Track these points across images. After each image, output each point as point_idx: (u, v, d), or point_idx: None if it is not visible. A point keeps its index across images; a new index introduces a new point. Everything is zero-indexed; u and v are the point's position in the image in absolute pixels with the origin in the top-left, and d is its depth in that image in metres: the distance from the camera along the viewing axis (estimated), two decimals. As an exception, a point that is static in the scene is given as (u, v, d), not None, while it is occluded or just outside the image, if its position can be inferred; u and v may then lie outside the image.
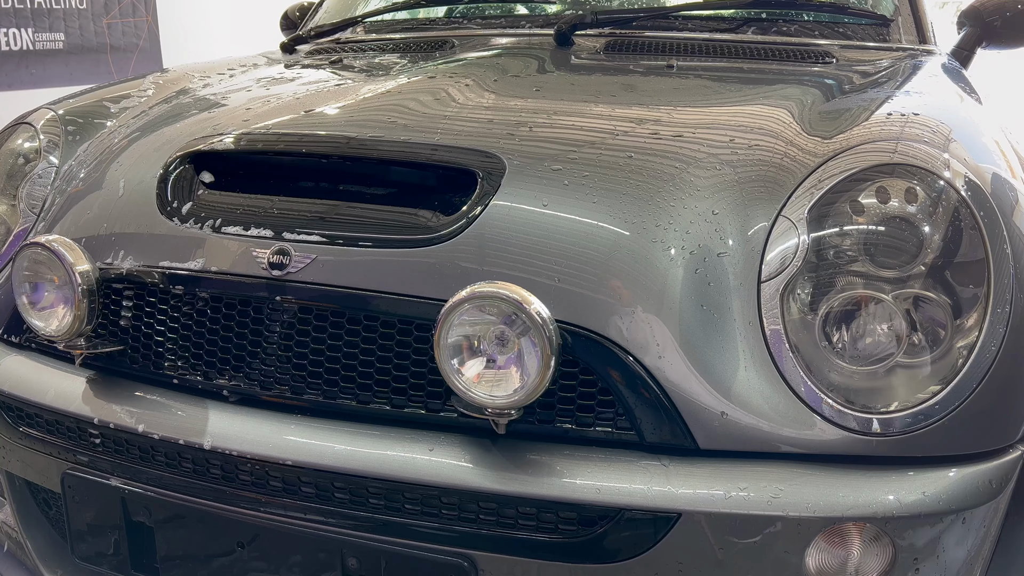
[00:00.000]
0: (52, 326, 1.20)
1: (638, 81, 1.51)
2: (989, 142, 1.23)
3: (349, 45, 2.01)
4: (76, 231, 1.30)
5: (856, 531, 0.99)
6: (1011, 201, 1.10)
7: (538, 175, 1.14)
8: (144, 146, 1.38)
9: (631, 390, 1.02)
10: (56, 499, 1.33)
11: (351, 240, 1.11)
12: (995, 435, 1.03)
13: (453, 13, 2.15)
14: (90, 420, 1.20)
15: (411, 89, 1.44)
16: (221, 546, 1.17)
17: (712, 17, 1.92)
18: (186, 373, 1.18)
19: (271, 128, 1.30)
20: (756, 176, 1.13)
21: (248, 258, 1.14)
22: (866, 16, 1.87)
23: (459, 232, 1.09)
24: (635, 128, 1.24)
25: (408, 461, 1.04)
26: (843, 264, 1.05)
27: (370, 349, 1.09)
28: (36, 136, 1.49)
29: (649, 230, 1.08)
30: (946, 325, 1.02)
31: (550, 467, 1.02)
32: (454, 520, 1.05)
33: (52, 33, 4.69)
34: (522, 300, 0.97)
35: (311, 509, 1.09)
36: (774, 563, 0.99)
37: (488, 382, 1.00)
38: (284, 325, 1.13)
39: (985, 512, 1.02)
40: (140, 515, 1.21)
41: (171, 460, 1.16)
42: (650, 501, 0.99)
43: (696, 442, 1.01)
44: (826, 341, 1.03)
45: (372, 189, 1.20)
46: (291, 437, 1.09)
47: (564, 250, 1.07)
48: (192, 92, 1.61)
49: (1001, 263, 1.03)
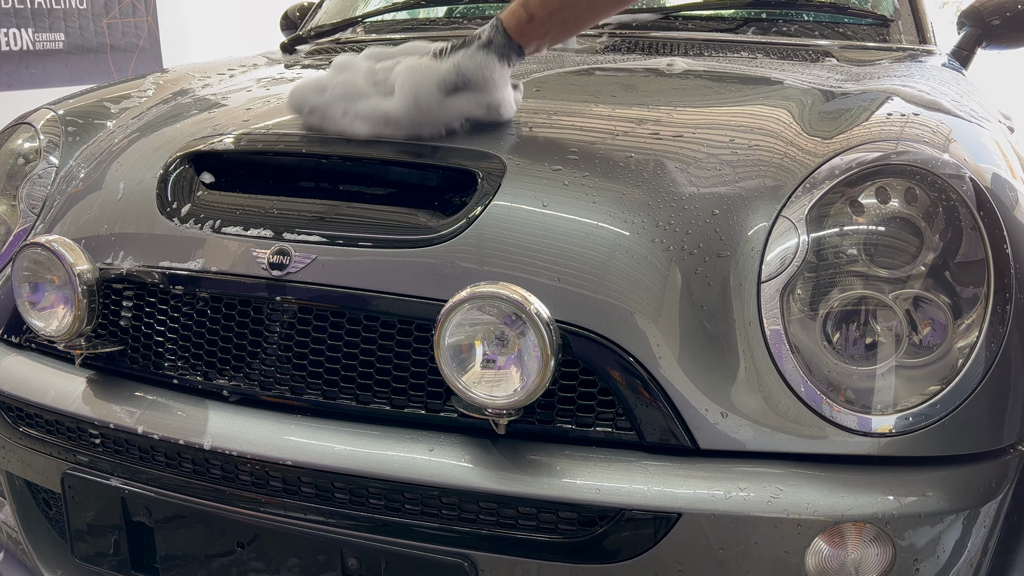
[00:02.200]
0: (52, 326, 1.20)
1: (638, 81, 1.51)
2: (989, 142, 1.23)
3: (349, 45, 2.01)
4: (76, 231, 1.30)
5: (856, 531, 0.99)
6: (1011, 201, 1.10)
7: (538, 175, 1.14)
8: (144, 146, 1.38)
9: (631, 390, 1.02)
10: (56, 499, 1.33)
11: (351, 240, 1.11)
12: (995, 435, 1.03)
13: (453, 13, 2.15)
14: (90, 420, 1.20)
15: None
16: (221, 546, 1.17)
17: (712, 17, 1.92)
18: (186, 373, 1.18)
19: (271, 128, 1.30)
20: (756, 176, 1.13)
21: (248, 258, 1.14)
22: (866, 16, 1.87)
23: (459, 232, 1.09)
24: (635, 128, 1.24)
25: (408, 461, 1.04)
26: (843, 264, 1.05)
27: (370, 349, 1.09)
28: (36, 136, 1.49)
29: (649, 230, 1.08)
30: (946, 325, 1.02)
31: (550, 467, 1.02)
32: (454, 520, 1.05)
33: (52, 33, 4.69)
34: (522, 300, 0.97)
35: (311, 509, 1.09)
36: (774, 563, 0.99)
37: (488, 382, 1.00)
38: (284, 325, 1.13)
39: (985, 512, 1.02)
40: (140, 515, 1.21)
41: (171, 460, 1.16)
42: (650, 501, 0.99)
43: (696, 442, 1.01)
44: (826, 341, 1.03)
45: (372, 189, 1.20)
46: (291, 437, 1.09)
47: (564, 250, 1.07)
48: (192, 92, 1.61)
49: (1001, 263, 1.03)
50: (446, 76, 1.19)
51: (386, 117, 1.20)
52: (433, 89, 1.19)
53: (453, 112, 1.21)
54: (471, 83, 1.20)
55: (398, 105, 1.19)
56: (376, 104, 1.21)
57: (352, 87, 1.24)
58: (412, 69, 1.21)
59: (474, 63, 1.20)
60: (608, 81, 1.53)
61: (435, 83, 1.19)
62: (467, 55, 1.21)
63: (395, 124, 1.20)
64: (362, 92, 1.23)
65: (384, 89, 1.23)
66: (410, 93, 1.19)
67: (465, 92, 1.20)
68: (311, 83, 1.28)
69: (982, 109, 1.42)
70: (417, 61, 1.23)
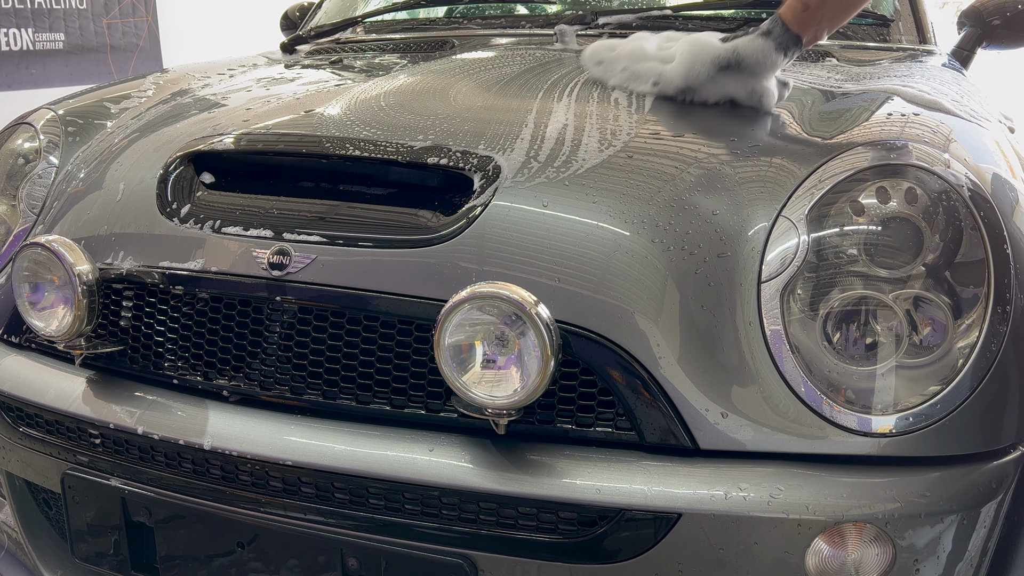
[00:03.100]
0: (52, 326, 1.20)
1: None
2: (989, 142, 1.23)
3: (349, 45, 2.01)
4: (76, 231, 1.30)
5: (856, 531, 0.99)
6: (1011, 201, 1.10)
7: (538, 175, 1.14)
8: (144, 146, 1.38)
9: (631, 390, 1.02)
10: (56, 499, 1.33)
11: (351, 240, 1.11)
12: (995, 435, 1.03)
13: (453, 13, 2.15)
14: (90, 420, 1.20)
15: (411, 89, 1.44)
16: (221, 546, 1.17)
17: (712, 17, 1.92)
18: (186, 373, 1.18)
19: (271, 128, 1.30)
20: (756, 176, 1.13)
21: (248, 258, 1.14)
22: (866, 16, 1.87)
23: (459, 232, 1.09)
24: (635, 128, 1.24)
25: (408, 461, 1.04)
26: (843, 264, 1.05)
27: (370, 349, 1.09)
28: (36, 136, 1.49)
29: (649, 230, 1.08)
30: (946, 325, 1.02)
31: (550, 467, 1.02)
32: (454, 520, 1.05)
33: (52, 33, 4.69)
34: (522, 300, 0.97)
35: (311, 509, 1.09)
36: (774, 563, 0.99)
37: (488, 382, 1.00)
38: (284, 325, 1.13)
39: (985, 512, 1.02)
40: (140, 515, 1.21)
41: (171, 460, 1.16)
42: (650, 501, 0.99)
43: (696, 442, 1.01)
44: (826, 341, 1.03)
45: (372, 189, 1.20)
46: (291, 437, 1.09)
47: (564, 250, 1.07)
48: (192, 92, 1.61)
49: (1001, 263, 1.03)
50: (722, 53, 1.29)
51: (659, 77, 1.34)
52: (707, 62, 1.29)
53: (718, 88, 1.30)
54: (744, 65, 1.28)
55: (672, 70, 1.33)
56: (653, 66, 1.36)
57: (639, 50, 1.41)
58: (693, 42, 1.34)
59: (752, 47, 1.28)
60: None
61: (711, 57, 1.29)
62: (747, 40, 1.29)
63: (665, 84, 1.33)
64: (646, 55, 1.39)
65: (665, 56, 1.37)
66: (686, 62, 1.31)
67: (736, 73, 1.29)
68: (606, 43, 1.49)
69: (982, 109, 1.42)
70: (700, 36, 1.33)
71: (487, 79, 1.49)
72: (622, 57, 1.42)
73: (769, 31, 1.28)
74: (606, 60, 1.45)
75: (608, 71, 1.43)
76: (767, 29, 1.29)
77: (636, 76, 1.38)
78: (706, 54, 1.30)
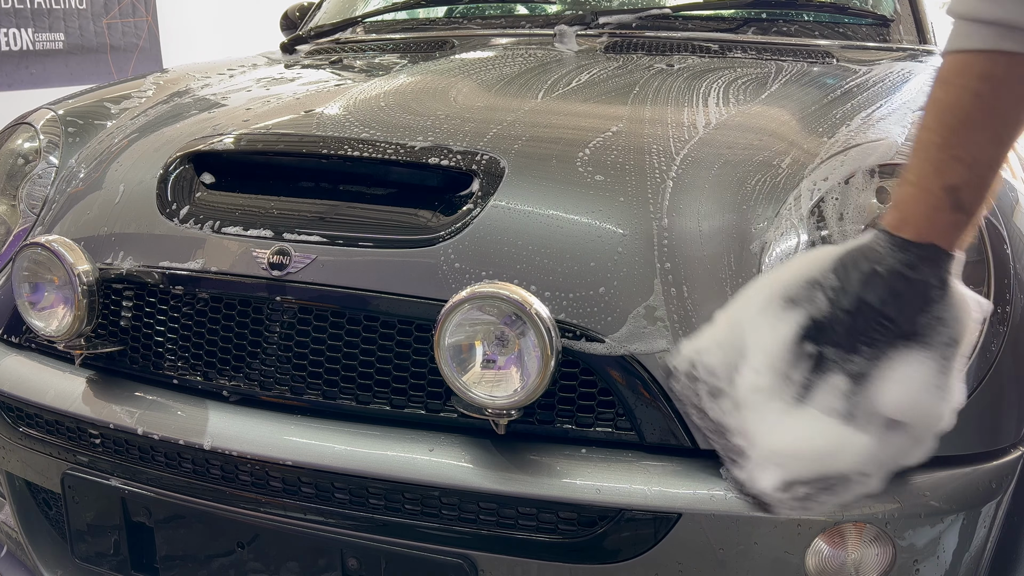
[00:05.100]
0: (52, 326, 1.20)
1: (638, 81, 1.51)
2: (989, 142, 1.22)
3: (349, 45, 2.01)
4: (76, 231, 1.30)
5: (856, 531, 0.99)
6: (1011, 201, 1.10)
7: (538, 175, 1.14)
8: (144, 146, 1.38)
9: (631, 390, 1.02)
10: (56, 499, 1.33)
11: (351, 240, 1.11)
12: (995, 435, 1.03)
13: (453, 13, 2.15)
14: (90, 420, 1.20)
15: (411, 89, 1.44)
16: (221, 546, 1.17)
17: (712, 17, 1.92)
18: (186, 373, 1.18)
19: (271, 128, 1.30)
20: (756, 176, 1.13)
21: (248, 258, 1.14)
22: (866, 16, 1.87)
23: (459, 232, 1.09)
24: (635, 128, 1.24)
25: (408, 461, 1.04)
26: (843, 264, 1.04)
27: (370, 349, 1.09)
28: (36, 136, 1.49)
29: (649, 230, 1.07)
30: (946, 325, 1.02)
31: (550, 467, 1.02)
32: (454, 520, 1.05)
33: (52, 33, 4.69)
34: (522, 300, 0.97)
35: (311, 509, 1.09)
36: (774, 563, 0.99)
37: (488, 382, 1.00)
38: (284, 325, 1.13)
39: (985, 512, 1.02)
40: (140, 515, 1.21)
41: (171, 460, 1.16)
42: (650, 501, 0.99)
43: (696, 442, 1.01)
44: (826, 341, 1.03)
45: (372, 189, 1.20)
46: (291, 437, 1.09)
47: (564, 250, 1.07)
48: (192, 92, 1.61)
49: (1001, 263, 1.03)
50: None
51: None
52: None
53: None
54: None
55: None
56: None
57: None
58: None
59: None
60: (608, 81, 1.53)
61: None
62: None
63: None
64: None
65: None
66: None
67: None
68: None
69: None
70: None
71: (487, 79, 1.49)
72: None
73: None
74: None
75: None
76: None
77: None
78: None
